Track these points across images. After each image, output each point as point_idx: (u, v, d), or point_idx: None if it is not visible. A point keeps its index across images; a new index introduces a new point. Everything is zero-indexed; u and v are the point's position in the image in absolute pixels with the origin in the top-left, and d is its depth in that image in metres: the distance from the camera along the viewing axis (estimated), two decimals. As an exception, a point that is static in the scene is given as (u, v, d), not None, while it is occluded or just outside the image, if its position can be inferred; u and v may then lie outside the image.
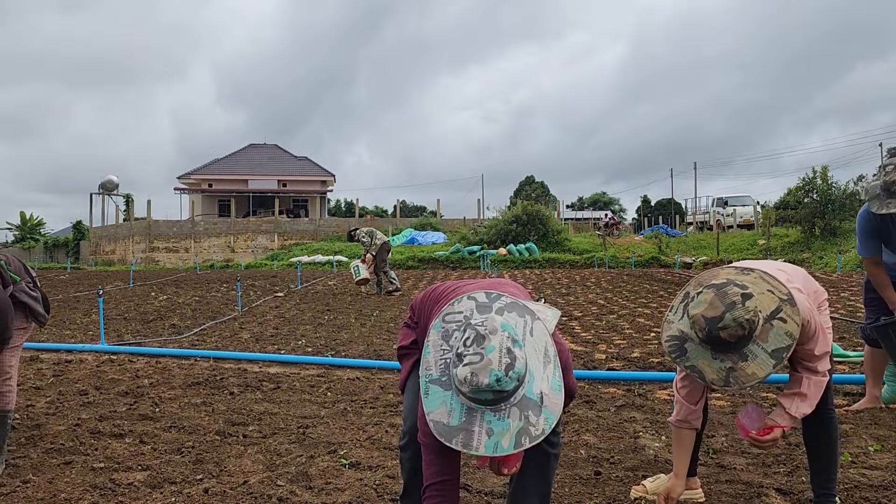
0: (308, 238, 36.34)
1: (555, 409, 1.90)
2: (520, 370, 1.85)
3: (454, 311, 2.05)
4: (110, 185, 41.91)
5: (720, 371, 2.40)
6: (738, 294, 2.39)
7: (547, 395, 1.90)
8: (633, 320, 9.14)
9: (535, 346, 1.95)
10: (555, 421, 1.90)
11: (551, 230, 28.90)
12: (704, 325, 2.38)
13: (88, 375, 5.80)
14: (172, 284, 18.00)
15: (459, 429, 1.88)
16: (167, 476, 3.30)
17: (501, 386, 1.82)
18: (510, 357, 1.83)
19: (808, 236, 23.68)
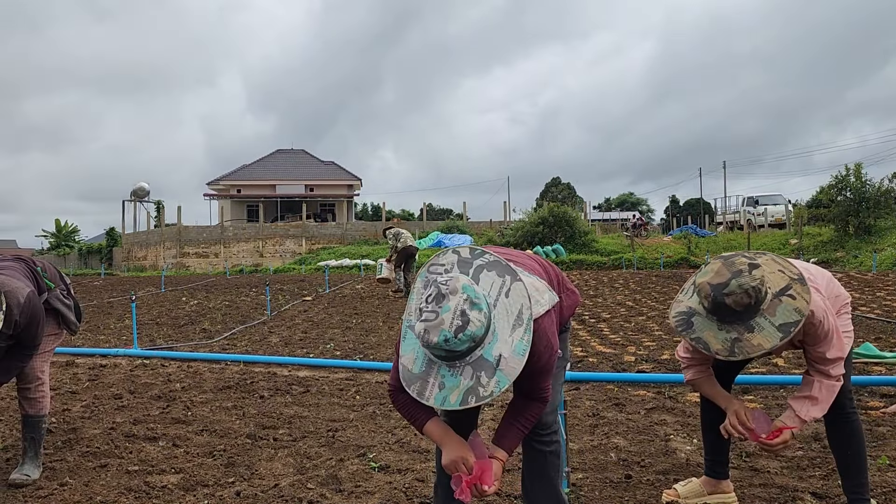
0: (335, 242, 36.56)
1: (510, 373, 1.90)
2: (473, 332, 1.86)
3: (437, 263, 2.08)
4: (142, 192, 42.60)
5: (725, 342, 2.40)
6: (746, 263, 2.40)
7: (506, 358, 1.90)
8: (663, 322, 9.05)
9: (509, 307, 1.95)
10: (507, 384, 1.90)
11: (578, 231, 28.73)
12: (710, 292, 2.38)
13: (122, 380, 5.90)
14: (203, 289, 18.23)
15: (418, 377, 1.95)
16: (200, 479, 3.35)
17: (450, 346, 1.85)
18: (462, 319, 1.84)
19: (841, 235, 23.25)
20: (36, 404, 3.49)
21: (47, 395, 3.56)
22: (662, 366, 5.96)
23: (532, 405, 2.22)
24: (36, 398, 3.49)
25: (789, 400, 2.63)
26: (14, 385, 3.54)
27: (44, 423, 3.55)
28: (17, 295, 3.17)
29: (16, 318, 3.14)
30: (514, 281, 1.97)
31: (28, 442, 3.44)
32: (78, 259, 45.05)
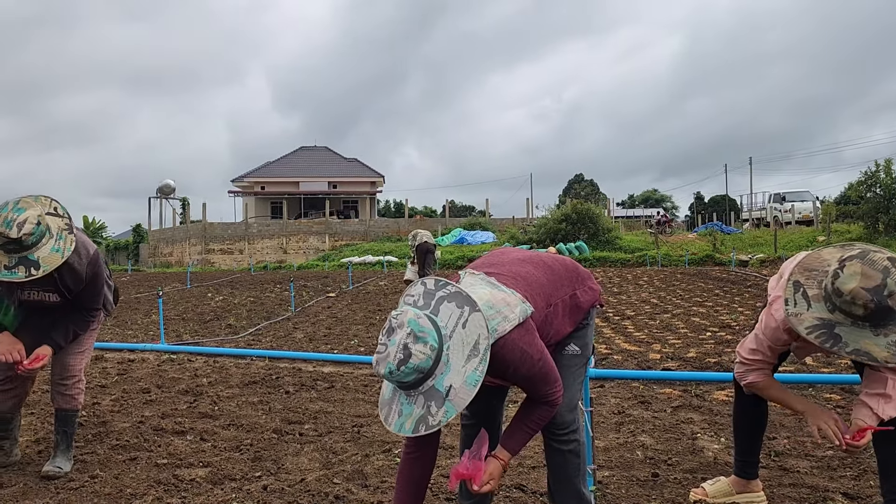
0: (358, 239, 36.70)
1: (459, 403, 1.94)
2: (416, 364, 1.92)
3: (408, 293, 2.14)
4: (167, 189, 43.09)
5: (889, 346, 2.22)
6: (885, 258, 2.23)
7: (456, 389, 1.94)
8: (688, 319, 8.97)
9: (465, 338, 1.98)
10: (454, 413, 1.93)
11: (602, 228, 28.56)
12: (871, 297, 2.18)
13: (150, 374, 5.98)
14: (228, 285, 18.41)
15: (386, 402, 2.07)
16: (227, 473, 3.38)
17: (395, 378, 1.94)
18: (405, 353, 1.91)
19: (870, 232, 22.86)
20: (72, 400, 3.48)
21: (83, 391, 3.56)
22: (688, 364, 5.91)
23: (540, 408, 2.25)
24: (72, 394, 3.48)
25: (862, 397, 2.53)
26: (46, 378, 3.59)
27: (77, 417, 3.59)
28: (85, 244, 3.20)
29: (85, 268, 3.17)
30: (473, 312, 2.00)
31: (60, 435, 3.46)
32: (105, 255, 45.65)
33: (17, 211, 2.92)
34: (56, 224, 3.06)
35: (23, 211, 2.93)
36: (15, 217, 2.89)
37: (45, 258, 2.96)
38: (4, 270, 2.91)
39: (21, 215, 2.90)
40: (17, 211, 2.92)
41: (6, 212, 2.91)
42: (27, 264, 2.93)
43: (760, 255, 23.11)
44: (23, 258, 2.93)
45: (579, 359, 2.47)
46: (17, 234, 2.87)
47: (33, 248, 2.94)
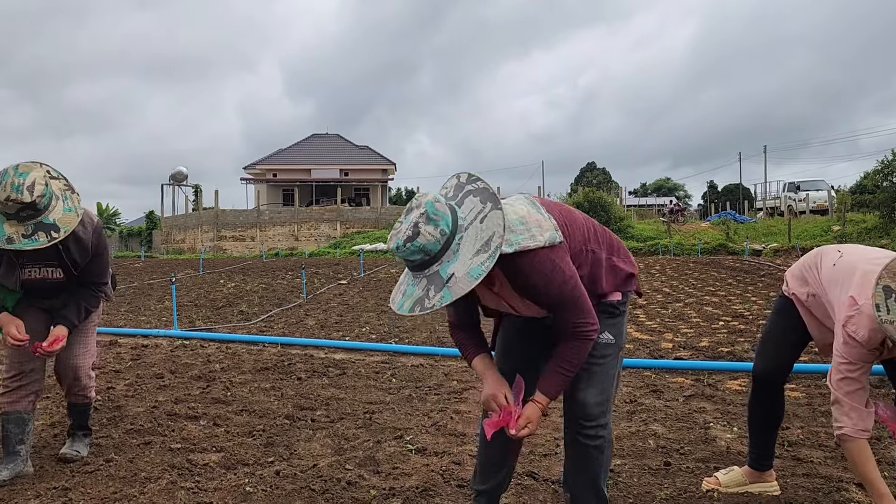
0: (370, 226, 36.75)
1: (457, 291, 1.91)
2: (422, 244, 1.93)
3: (444, 186, 2.15)
4: (180, 176, 43.27)
5: None
6: None
7: (457, 277, 1.92)
8: (701, 309, 8.93)
9: (480, 232, 1.96)
10: (449, 300, 1.91)
11: (613, 217, 28.48)
12: None
13: (164, 360, 6.02)
14: (240, 272, 18.49)
15: (397, 285, 2.10)
16: (240, 458, 3.40)
17: (401, 254, 1.97)
18: (413, 231, 1.93)
19: (886, 222, 22.64)
20: (83, 398, 3.45)
21: (93, 386, 3.49)
22: (700, 353, 5.88)
23: (572, 344, 2.12)
24: (85, 393, 3.43)
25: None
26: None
27: (91, 408, 3.55)
28: (90, 215, 3.11)
29: (90, 237, 3.08)
30: (494, 209, 1.97)
31: (76, 422, 3.49)
32: (119, 242, 46.00)
33: (21, 175, 2.79)
34: (57, 186, 2.94)
35: (26, 174, 2.80)
36: (22, 181, 2.77)
37: (60, 219, 2.86)
38: (25, 240, 2.79)
39: (27, 179, 2.78)
40: (20, 175, 2.78)
41: (9, 178, 2.77)
42: (45, 229, 2.82)
43: (774, 245, 22.95)
44: (38, 224, 2.81)
45: (613, 348, 2.30)
46: (31, 197, 2.76)
47: (45, 210, 2.83)
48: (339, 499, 2.88)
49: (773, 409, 2.86)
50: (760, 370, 2.86)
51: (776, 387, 2.85)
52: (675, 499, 2.85)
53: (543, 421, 4.00)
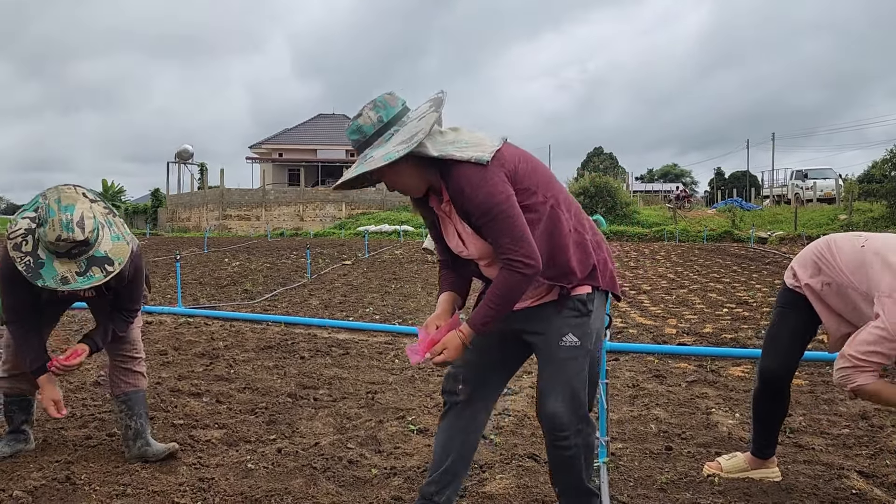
0: (375, 208, 36.70)
1: (369, 166, 2.02)
2: (359, 125, 2.09)
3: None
4: (186, 154, 43.19)
5: None
6: None
7: (374, 158, 2.03)
8: (705, 295, 8.91)
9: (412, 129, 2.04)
10: (358, 172, 2.06)
11: (620, 202, 28.38)
12: None
13: (167, 337, 6.04)
14: (244, 251, 18.51)
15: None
16: (242, 435, 3.41)
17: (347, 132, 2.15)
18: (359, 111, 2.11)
19: (893, 211, 22.51)
20: (141, 379, 3.21)
21: (145, 368, 3.30)
22: (704, 339, 5.87)
23: (501, 275, 2.03)
24: (141, 371, 3.21)
25: None
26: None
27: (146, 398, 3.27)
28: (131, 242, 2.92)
29: (128, 268, 2.87)
30: (432, 112, 2.06)
31: (144, 419, 3.14)
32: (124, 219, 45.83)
33: (67, 210, 2.59)
34: (99, 211, 2.75)
35: (73, 208, 2.60)
36: (70, 217, 2.57)
37: (112, 250, 2.71)
38: (80, 278, 2.64)
39: (74, 213, 2.59)
40: (66, 210, 2.58)
41: (55, 215, 2.57)
42: (99, 263, 2.67)
43: (780, 233, 22.87)
44: (90, 259, 2.66)
45: (578, 351, 2.11)
46: (84, 234, 2.59)
47: (96, 244, 2.68)
48: (340, 477, 2.89)
49: (779, 404, 2.82)
50: (769, 369, 2.78)
51: (784, 384, 2.80)
52: (676, 483, 2.85)
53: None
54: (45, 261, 2.64)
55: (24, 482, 2.79)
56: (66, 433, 3.43)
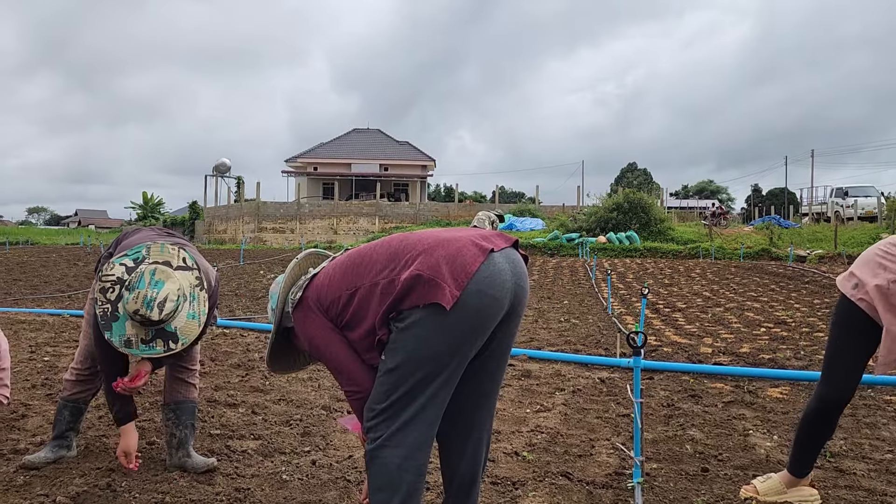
0: (408, 222, 36.86)
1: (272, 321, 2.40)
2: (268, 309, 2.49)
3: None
4: (223, 167, 43.92)
5: None
6: None
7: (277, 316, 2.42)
8: (742, 314, 8.78)
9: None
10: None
11: (654, 219, 28.05)
12: None
13: (204, 347, 6.13)
14: (279, 263, 18.71)
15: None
16: (277, 446, 3.45)
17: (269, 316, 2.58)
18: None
19: (938, 231, 21.95)
20: (193, 389, 3.27)
21: (199, 381, 3.37)
22: (741, 359, 5.78)
23: None
24: (194, 383, 3.28)
25: None
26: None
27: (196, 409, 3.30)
28: (208, 277, 2.96)
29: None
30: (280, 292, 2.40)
31: (189, 430, 3.19)
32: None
33: (156, 286, 2.67)
34: (188, 281, 2.82)
35: (162, 285, 2.68)
36: (155, 295, 2.65)
37: (182, 328, 2.75)
38: (143, 346, 2.72)
39: (161, 291, 2.67)
40: (155, 286, 2.67)
41: (143, 287, 2.65)
42: (165, 337, 2.73)
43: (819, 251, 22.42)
44: (159, 330, 2.72)
45: (382, 365, 2.09)
46: (160, 315, 2.66)
47: (170, 320, 2.73)
48: (373, 490, 2.90)
49: (830, 426, 2.74)
50: (830, 395, 2.68)
51: (840, 409, 2.73)
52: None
53: (578, 423, 3.98)
54: (121, 317, 2.73)
55: (66, 488, 2.86)
56: (108, 441, 3.51)
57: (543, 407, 4.28)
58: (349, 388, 2.21)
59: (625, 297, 10.95)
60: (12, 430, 3.69)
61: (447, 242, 2.08)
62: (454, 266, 2.01)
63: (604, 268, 16.52)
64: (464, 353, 2.09)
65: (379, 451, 2.09)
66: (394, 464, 2.07)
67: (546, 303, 10.03)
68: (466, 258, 2.03)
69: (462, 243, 2.07)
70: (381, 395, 2.10)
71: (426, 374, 2.06)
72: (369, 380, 2.16)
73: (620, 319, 8.15)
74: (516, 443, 3.58)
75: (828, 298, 10.44)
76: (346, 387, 2.21)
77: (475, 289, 2.00)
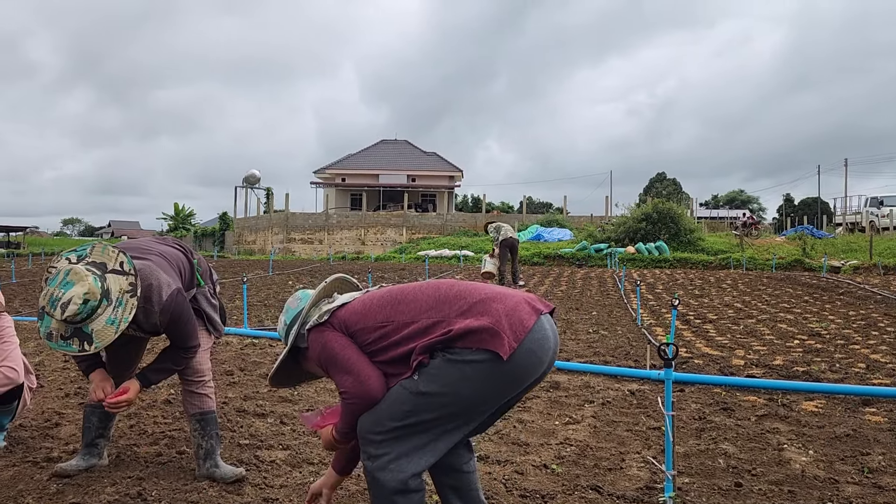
0: (435, 232, 36.93)
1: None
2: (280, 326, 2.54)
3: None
4: (253, 178, 44.48)
5: None
6: None
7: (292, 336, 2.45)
8: (774, 326, 8.62)
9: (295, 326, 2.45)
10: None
11: (683, 229, 27.77)
12: None
13: (233, 357, 6.18)
14: (308, 274, 18.85)
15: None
16: (305, 457, 3.46)
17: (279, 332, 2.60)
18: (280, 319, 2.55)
19: (978, 241, 21.39)
20: (206, 400, 3.26)
21: (213, 391, 3.33)
22: (774, 371, 5.67)
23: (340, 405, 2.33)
24: (205, 393, 3.26)
25: None
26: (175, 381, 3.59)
27: (216, 418, 3.30)
28: (160, 290, 2.94)
29: (158, 317, 2.94)
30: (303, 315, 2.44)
31: (215, 440, 3.21)
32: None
33: (65, 286, 2.71)
34: (118, 285, 2.82)
35: (70, 286, 2.71)
36: (60, 295, 2.69)
37: (98, 332, 2.76)
38: (61, 341, 2.77)
39: (67, 293, 2.69)
40: (64, 286, 2.71)
41: (53, 286, 2.72)
42: (81, 337, 2.76)
43: (854, 262, 21.97)
44: (77, 330, 2.75)
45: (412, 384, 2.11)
46: (61, 316, 2.69)
47: (88, 319, 2.74)
48: (401, 502, 2.89)
49: None
50: None
51: None
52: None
53: (607, 435, 3.93)
54: None
55: (98, 496, 2.89)
56: (138, 450, 3.54)
57: (572, 419, 4.23)
58: (353, 389, 2.18)
59: (654, 308, 10.82)
60: (46, 438, 3.75)
61: (503, 297, 2.14)
62: (512, 320, 2.07)
63: (633, 278, 16.38)
64: (494, 405, 2.16)
65: (380, 473, 2.13)
66: (395, 488, 2.13)
67: (574, 314, 9.95)
68: (523, 314, 2.09)
69: (517, 300, 2.14)
70: (400, 414, 2.11)
71: (454, 411, 2.10)
72: (379, 388, 2.17)
73: (650, 331, 8.05)
74: (545, 455, 3.54)
75: (863, 310, 10.22)
76: (350, 387, 2.19)
77: (528, 347, 2.07)
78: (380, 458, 2.12)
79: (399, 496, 2.12)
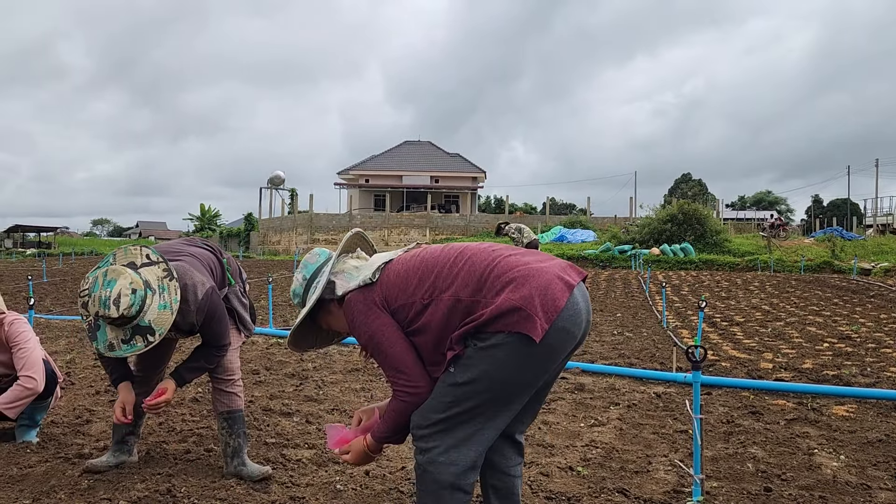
0: (458, 233, 36.94)
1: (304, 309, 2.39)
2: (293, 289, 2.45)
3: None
4: (277, 180, 44.83)
5: None
6: None
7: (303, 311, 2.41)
8: (803, 329, 8.50)
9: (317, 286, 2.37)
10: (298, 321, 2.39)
11: (709, 230, 27.47)
12: None
13: (259, 356, 6.23)
14: (331, 274, 18.94)
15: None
16: (331, 456, 3.47)
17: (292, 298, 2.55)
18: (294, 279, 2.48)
19: None
20: (234, 398, 3.29)
21: (241, 387, 3.37)
22: (804, 375, 5.59)
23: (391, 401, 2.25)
24: (234, 391, 3.29)
25: None
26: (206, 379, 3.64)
27: (243, 418, 3.32)
28: (195, 289, 2.98)
29: (195, 316, 2.99)
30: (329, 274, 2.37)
31: (242, 438, 3.24)
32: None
33: (108, 286, 2.76)
34: (154, 275, 2.88)
35: (114, 283, 2.76)
36: (108, 294, 2.74)
37: (155, 320, 2.82)
38: (124, 345, 2.81)
39: (113, 289, 2.75)
40: (107, 286, 2.76)
41: (98, 290, 2.77)
42: (142, 332, 2.81)
43: (885, 264, 21.58)
44: (135, 328, 2.80)
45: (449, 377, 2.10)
46: (118, 312, 2.73)
47: (140, 313, 2.80)
48: (427, 502, 2.89)
49: None
50: None
51: None
52: (775, 527, 2.71)
53: (633, 438, 3.90)
54: (101, 325, 2.83)
55: (128, 493, 2.93)
56: (168, 447, 3.59)
57: (598, 421, 4.21)
58: (407, 387, 2.16)
59: (680, 311, 10.72)
60: (77, 434, 3.81)
61: (537, 273, 2.09)
62: (545, 299, 2.03)
63: (658, 280, 16.25)
64: (534, 385, 2.13)
65: (432, 467, 2.11)
66: (447, 481, 2.10)
67: (598, 315, 9.89)
68: (556, 293, 2.05)
69: (550, 276, 2.09)
70: (442, 406, 2.10)
71: (494, 396, 2.09)
72: (429, 384, 2.16)
73: (676, 333, 7.98)
74: (571, 457, 3.53)
75: (895, 313, 10.03)
76: (404, 386, 2.16)
77: (560, 325, 2.04)
78: (430, 452, 2.12)
79: (448, 492, 2.10)
